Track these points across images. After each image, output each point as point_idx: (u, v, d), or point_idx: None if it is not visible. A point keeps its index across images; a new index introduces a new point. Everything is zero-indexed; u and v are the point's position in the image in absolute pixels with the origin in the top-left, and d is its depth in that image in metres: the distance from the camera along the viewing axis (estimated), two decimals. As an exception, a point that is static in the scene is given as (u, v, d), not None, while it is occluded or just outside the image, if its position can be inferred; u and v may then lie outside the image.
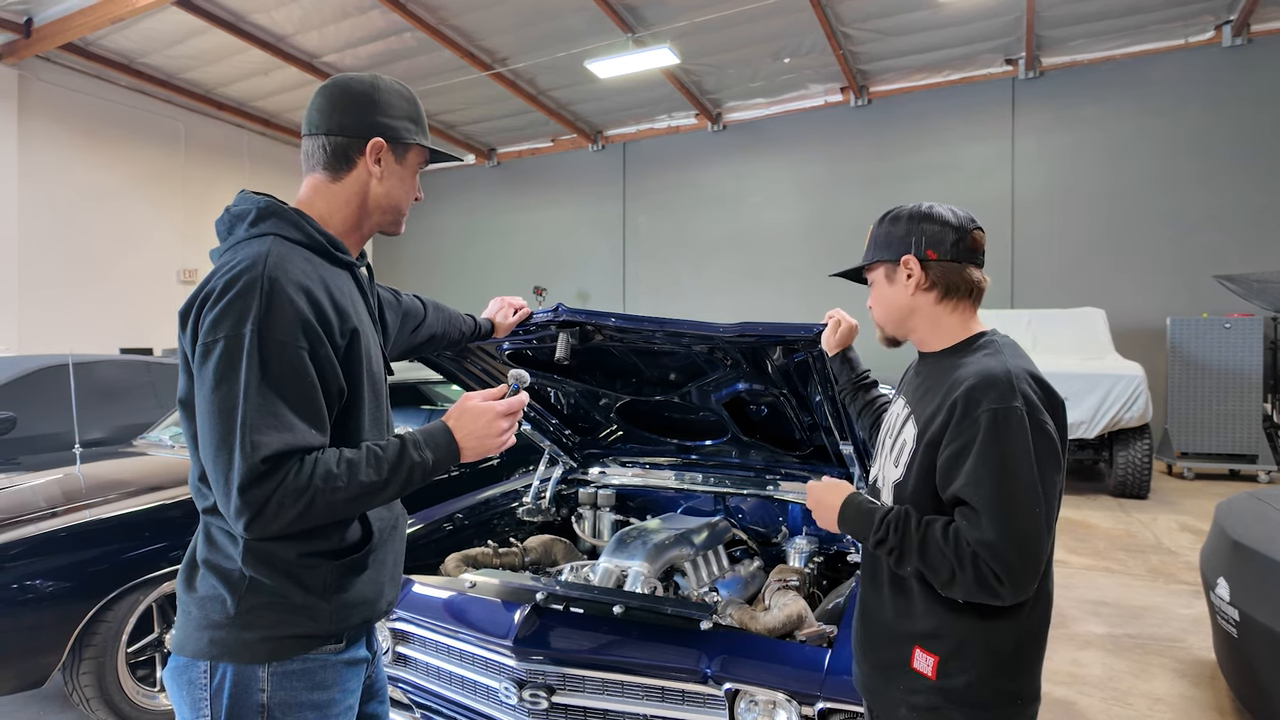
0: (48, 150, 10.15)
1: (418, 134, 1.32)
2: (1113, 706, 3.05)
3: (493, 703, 2.02)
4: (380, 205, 1.31)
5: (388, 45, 9.97)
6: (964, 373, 1.23)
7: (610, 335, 2.23)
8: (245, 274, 1.10)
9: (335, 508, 1.11)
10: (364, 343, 1.24)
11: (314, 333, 1.13)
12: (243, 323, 1.07)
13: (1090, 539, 5.61)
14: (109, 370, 5.13)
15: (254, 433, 1.04)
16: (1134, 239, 9.57)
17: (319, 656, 1.20)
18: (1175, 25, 9.13)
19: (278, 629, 1.16)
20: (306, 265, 1.18)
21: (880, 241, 1.40)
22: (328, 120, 1.26)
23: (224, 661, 1.15)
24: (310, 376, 1.12)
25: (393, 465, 1.16)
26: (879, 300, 1.43)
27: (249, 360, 1.06)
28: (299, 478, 1.07)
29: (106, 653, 2.71)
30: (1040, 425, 1.17)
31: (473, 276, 14.42)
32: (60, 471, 3.33)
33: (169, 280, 11.78)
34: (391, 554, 1.35)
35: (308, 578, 1.18)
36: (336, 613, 1.20)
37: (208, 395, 1.07)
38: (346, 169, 1.27)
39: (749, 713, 1.75)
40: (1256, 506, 2.96)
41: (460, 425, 1.24)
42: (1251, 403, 7.59)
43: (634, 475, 3.18)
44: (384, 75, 1.33)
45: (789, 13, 8.82)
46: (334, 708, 1.22)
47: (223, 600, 1.15)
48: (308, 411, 1.11)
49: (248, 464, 1.03)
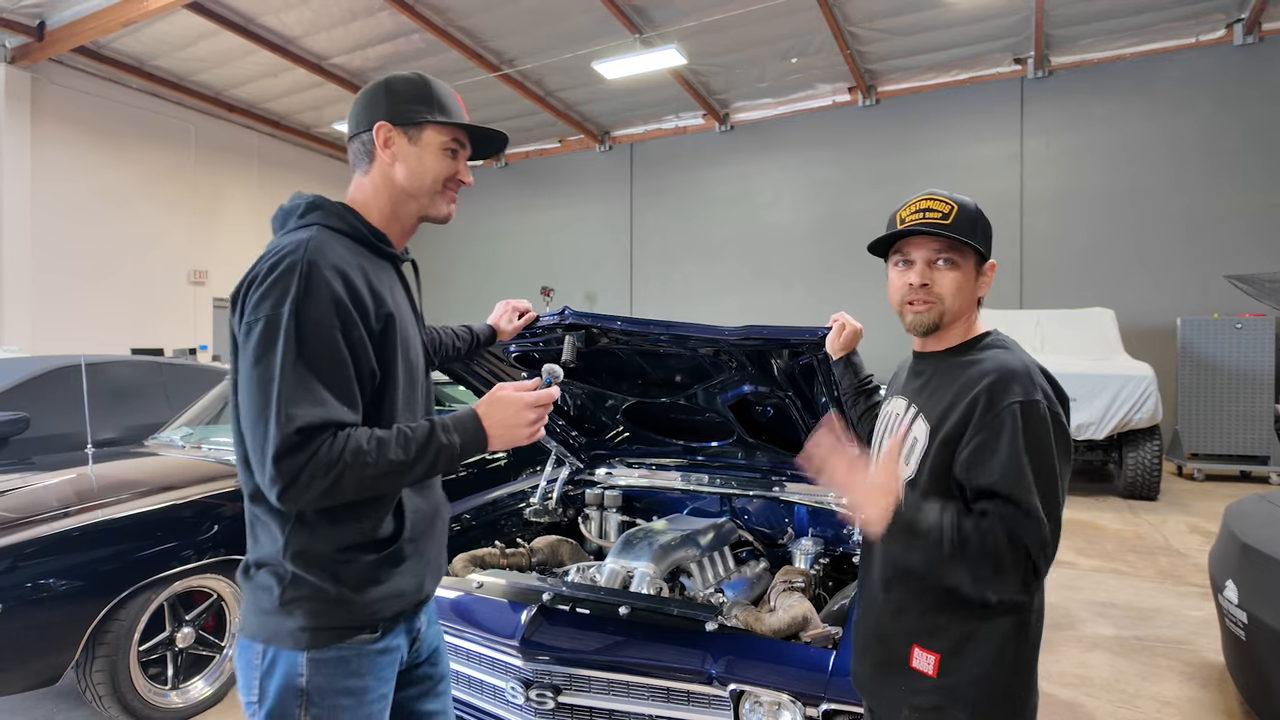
0: (60, 152, 10.25)
1: (430, 112, 1.34)
2: (1120, 709, 3.04)
3: (499, 702, 2.04)
4: (405, 189, 1.35)
5: (396, 47, 10.02)
6: (981, 369, 1.24)
7: (616, 338, 2.25)
8: (287, 258, 1.17)
9: (364, 483, 1.15)
10: (400, 330, 1.29)
11: (348, 314, 1.18)
12: (282, 303, 1.14)
13: (1099, 540, 5.59)
14: (121, 371, 5.17)
15: (289, 405, 1.10)
16: (1144, 239, 9.52)
17: (353, 646, 1.25)
18: (1185, 24, 9.08)
19: (315, 620, 1.21)
20: (346, 253, 1.24)
21: (977, 231, 1.33)
22: (352, 123, 1.36)
23: (272, 645, 1.22)
24: (343, 355, 1.17)
25: (421, 446, 1.20)
26: (961, 286, 1.32)
27: (286, 338, 1.12)
28: (330, 451, 1.12)
29: (119, 651, 2.74)
30: (1058, 419, 1.19)
31: (480, 277, 14.47)
32: (73, 471, 3.37)
33: (179, 281, 11.87)
34: (433, 545, 1.40)
35: (343, 572, 1.23)
36: (369, 605, 1.25)
37: (248, 370, 1.14)
38: (370, 161, 1.34)
39: (753, 713, 1.76)
40: (1266, 509, 2.95)
41: (490, 413, 1.28)
42: (1263, 404, 7.54)
43: (640, 476, 3.19)
44: (407, 71, 1.39)
45: (796, 12, 8.81)
46: (368, 694, 1.27)
47: (270, 590, 1.22)
48: (340, 388, 1.17)
49: (282, 434, 1.09)
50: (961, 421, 1.21)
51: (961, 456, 1.21)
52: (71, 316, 10.34)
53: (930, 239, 1.32)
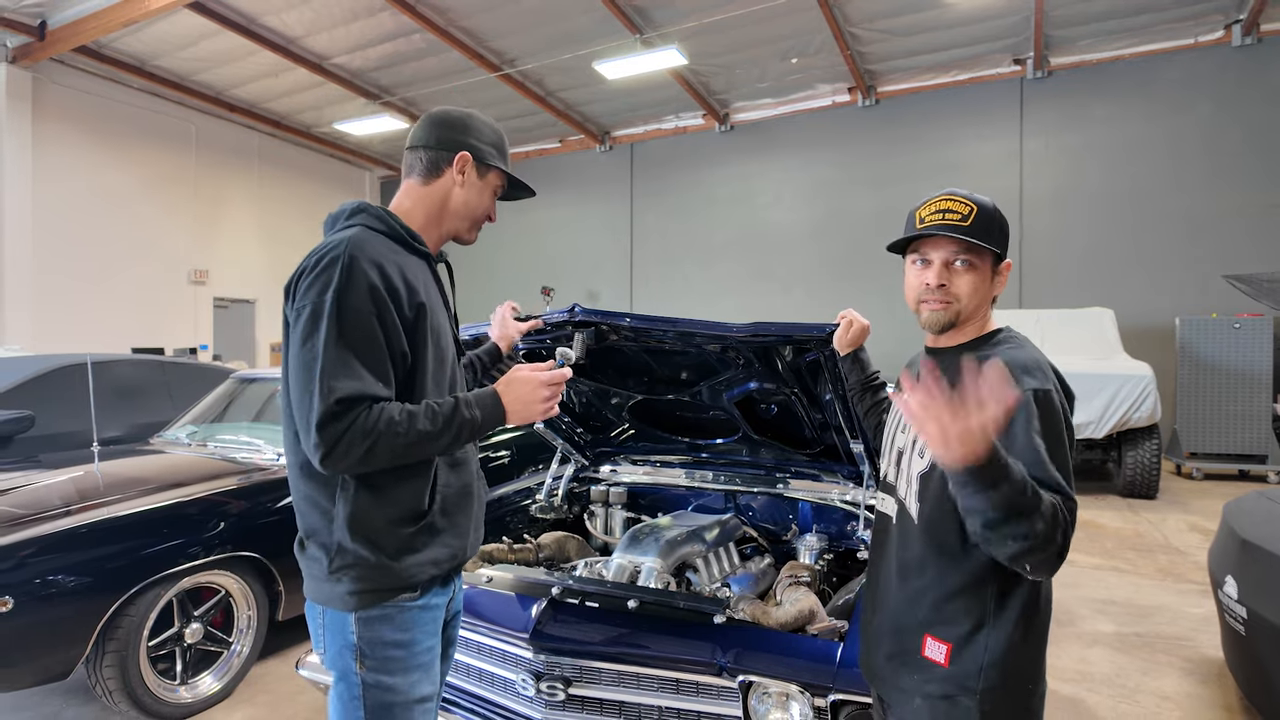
0: (61, 152, 10.26)
1: (499, 160, 1.57)
2: (1120, 704, 3.07)
3: (510, 694, 2.06)
4: (458, 211, 1.55)
5: (397, 47, 10.04)
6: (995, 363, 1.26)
7: (624, 335, 2.27)
8: (331, 252, 1.32)
9: (396, 451, 1.29)
10: (431, 318, 1.43)
11: (382, 301, 1.32)
12: (325, 291, 1.29)
13: (1099, 538, 5.62)
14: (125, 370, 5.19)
15: (330, 379, 1.25)
16: (1143, 239, 9.55)
17: (397, 605, 1.40)
18: (1184, 25, 9.11)
19: (360, 584, 1.36)
20: (385, 249, 1.39)
21: (993, 232, 1.34)
22: (427, 136, 1.52)
23: (328, 608, 1.39)
24: (378, 338, 1.32)
25: (446, 419, 1.34)
26: (977, 287, 1.35)
27: (329, 322, 1.27)
28: (367, 421, 1.26)
29: (129, 646, 2.76)
30: (1067, 413, 1.23)
31: (481, 277, 14.46)
32: (80, 469, 3.38)
33: (180, 281, 11.88)
34: (467, 517, 1.53)
35: (383, 541, 1.37)
36: (407, 570, 1.39)
37: (296, 351, 1.30)
38: (435, 176, 1.52)
39: (762, 704, 1.79)
40: (1265, 505, 2.97)
41: (508, 391, 1.43)
42: (1261, 403, 7.57)
43: (645, 473, 3.22)
44: (481, 112, 1.59)
45: (796, 13, 8.84)
46: (415, 646, 1.43)
47: (320, 561, 1.38)
48: (375, 366, 1.31)
49: (324, 404, 1.24)
50: None
51: None
52: (72, 316, 10.34)
53: (949, 240, 1.34)
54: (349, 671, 1.39)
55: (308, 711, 3.01)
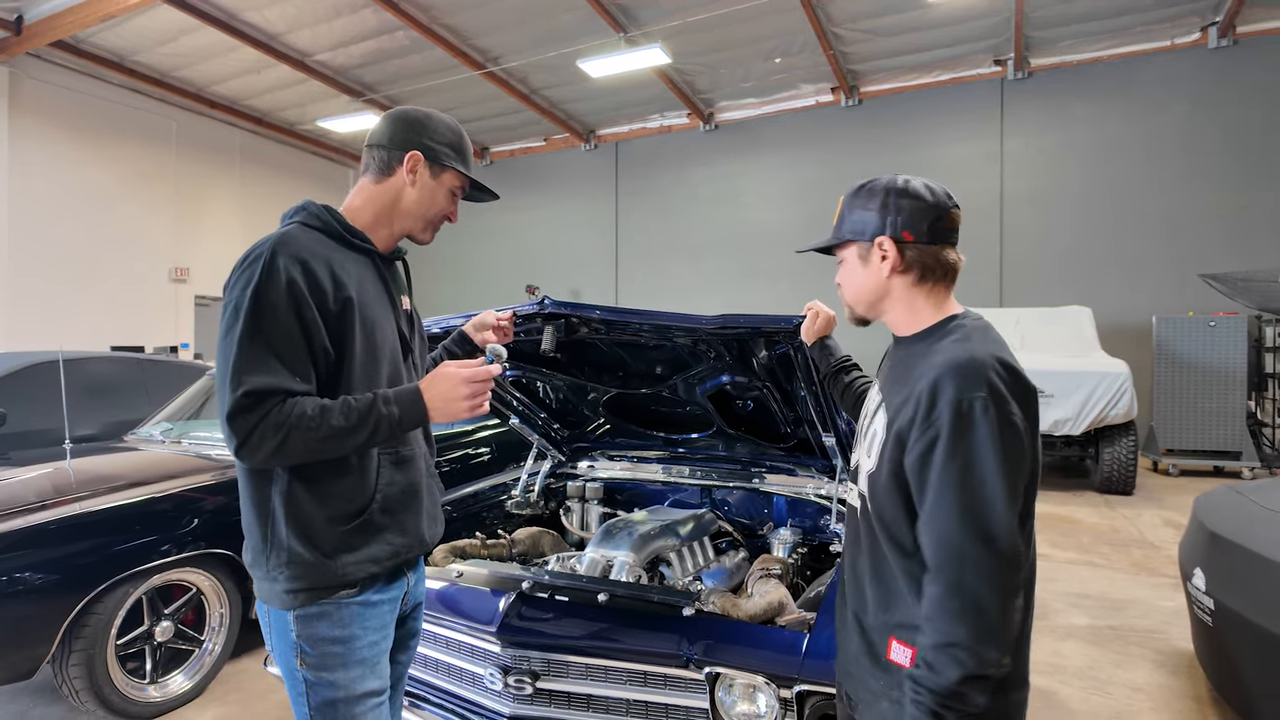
0: (38, 148, 10.11)
1: (456, 160, 1.54)
2: (1092, 695, 3.10)
3: (478, 689, 2.05)
4: (410, 210, 1.53)
5: (379, 44, 9.98)
6: (932, 361, 1.18)
7: (595, 328, 2.26)
8: (255, 250, 1.34)
9: (310, 446, 1.29)
10: (361, 313, 1.41)
11: (301, 296, 1.32)
12: (246, 288, 1.30)
13: (1075, 534, 5.67)
14: (99, 367, 5.12)
15: (242, 373, 1.26)
16: (1121, 238, 9.66)
17: (334, 602, 1.40)
18: (1162, 26, 9.22)
19: (295, 583, 1.37)
20: (316, 245, 1.39)
21: (853, 219, 1.31)
22: (383, 135, 1.51)
23: (269, 605, 1.41)
24: (295, 333, 1.31)
25: (362, 415, 1.33)
26: (849, 281, 1.35)
27: (245, 317, 1.28)
28: (279, 414, 1.27)
29: (96, 645, 2.73)
30: (1006, 417, 1.09)
31: (465, 276, 14.42)
32: (50, 466, 3.34)
33: (160, 279, 11.75)
34: (414, 514, 1.51)
35: (319, 539, 1.37)
36: (344, 568, 1.39)
37: (218, 345, 1.32)
38: (387, 175, 1.51)
39: (729, 696, 1.79)
40: (1234, 499, 3.01)
41: (430, 388, 1.40)
42: (1236, 400, 7.67)
43: (622, 469, 3.21)
44: (441, 112, 1.58)
45: (780, 13, 8.87)
46: (355, 642, 1.42)
47: (260, 559, 1.39)
48: (291, 361, 1.31)
49: (234, 396, 1.25)
50: (909, 420, 1.17)
51: (908, 461, 1.16)
52: (49, 314, 10.19)
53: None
54: (293, 669, 1.40)
55: (279, 710, 2.98)
